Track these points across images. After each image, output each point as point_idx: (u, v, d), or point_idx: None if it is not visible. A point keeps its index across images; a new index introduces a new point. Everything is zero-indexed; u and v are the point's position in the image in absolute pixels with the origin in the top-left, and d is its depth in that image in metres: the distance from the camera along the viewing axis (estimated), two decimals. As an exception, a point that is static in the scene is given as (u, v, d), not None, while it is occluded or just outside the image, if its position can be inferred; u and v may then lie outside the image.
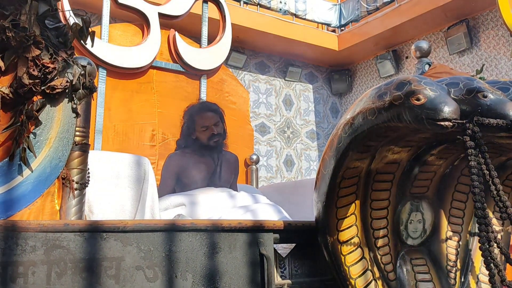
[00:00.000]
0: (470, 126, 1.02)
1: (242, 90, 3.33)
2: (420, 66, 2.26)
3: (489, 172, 1.02)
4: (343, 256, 1.41)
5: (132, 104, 2.82)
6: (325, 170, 1.36)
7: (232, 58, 8.65)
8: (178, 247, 1.27)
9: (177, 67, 3.01)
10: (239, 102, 3.26)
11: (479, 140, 1.02)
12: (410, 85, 1.11)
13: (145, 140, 2.82)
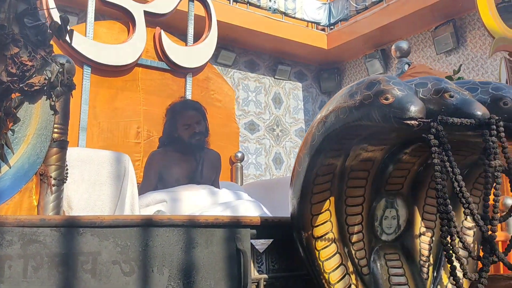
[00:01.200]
0: (434, 125, 1.06)
1: (228, 88, 3.35)
2: (400, 66, 2.30)
3: (452, 169, 1.05)
4: (317, 251, 1.44)
5: (117, 102, 2.84)
6: (299, 167, 1.40)
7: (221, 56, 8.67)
8: (155, 242, 1.30)
9: (162, 65, 3.03)
10: (225, 100, 3.28)
11: (443, 138, 1.06)
12: (380, 85, 1.15)
13: (130, 137, 2.83)
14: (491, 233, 1.07)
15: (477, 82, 1.34)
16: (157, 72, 3.01)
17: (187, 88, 3.07)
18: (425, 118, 1.10)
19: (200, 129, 2.23)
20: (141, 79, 2.94)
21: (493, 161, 1.09)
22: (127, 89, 2.88)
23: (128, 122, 2.85)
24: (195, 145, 2.22)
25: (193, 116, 2.24)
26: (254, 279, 1.53)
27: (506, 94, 1.25)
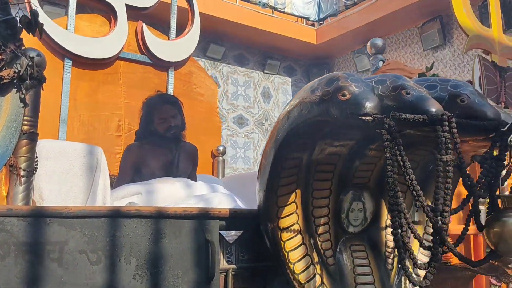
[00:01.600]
0: (387, 121, 1.10)
1: (210, 82, 3.38)
2: (374, 62, 2.35)
3: (403, 163, 1.10)
4: (282, 242, 1.48)
5: (98, 95, 2.86)
6: (266, 160, 1.44)
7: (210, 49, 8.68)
8: (122, 232, 1.33)
9: (144, 58, 3.05)
10: (207, 94, 3.31)
11: (395, 133, 1.10)
12: (338, 82, 1.19)
13: (111, 130, 2.86)
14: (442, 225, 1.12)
15: (437, 79, 1.38)
16: (139, 66, 3.03)
17: (169, 82, 3.10)
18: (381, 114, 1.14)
19: (176, 122, 2.26)
20: (123, 73, 2.96)
21: (445, 156, 1.13)
22: (109, 82, 2.90)
23: (109, 115, 2.87)
24: (171, 139, 2.25)
25: (168, 110, 2.27)
26: (223, 269, 1.57)
27: (463, 91, 1.30)
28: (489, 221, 1.20)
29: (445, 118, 1.15)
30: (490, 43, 2.53)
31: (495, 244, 1.19)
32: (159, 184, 1.97)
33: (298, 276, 1.49)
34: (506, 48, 2.61)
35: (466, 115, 1.26)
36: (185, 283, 1.43)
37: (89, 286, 1.27)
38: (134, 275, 1.34)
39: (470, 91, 1.31)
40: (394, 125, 1.11)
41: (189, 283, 1.44)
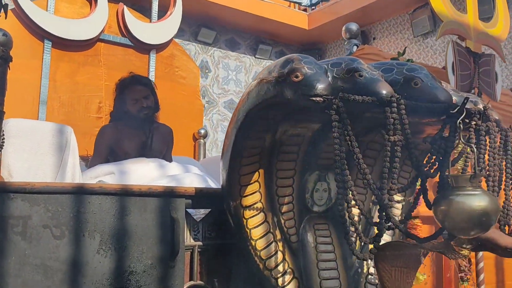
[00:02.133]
0: (336, 102, 1.14)
1: (192, 66, 3.40)
2: (348, 47, 2.38)
3: (351, 143, 1.14)
4: (245, 219, 1.53)
5: (78, 76, 2.87)
6: (228, 140, 1.48)
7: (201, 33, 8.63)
8: (86, 209, 1.37)
9: (125, 41, 3.06)
10: (189, 77, 3.33)
11: (343, 114, 1.14)
12: (292, 63, 1.22)
13: (91, 112, 2.88)
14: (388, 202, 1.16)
15: (394, 63, 1.42)
16: (119, 48, 3.04)
17: (150, 64, 3.12)
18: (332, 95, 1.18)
19: (148, 103, 2.29)
20: (103, 54, 2.97)
21: (392, 137, 1.18)
22: (89, 64, 2.91)
23: (90, 97, 2.89)
24: (144, 119, 2.28)
25: (141, 91, 2.30)
26: (189, 246, 1.62)
27: (417, 75, 1.33)
28: (437, 200, 1.24)
29: (394, 100, 1.18)
30: (465, 29, 2.56)
31: (442, 222, 1.24)
32: (132, 165, 2.01)
33: (259, 252, 1.54)
34: (482, 34, 2.65)
35: (420, 98, 1.30)
36: (149, 258, 1.49)
37: (53, 259, 1.31)
38: (98, 250, 1.39)
39: (424, 74, 1.34)
40: (342, 106, 1.14)
41: (153, 259, 1.49)
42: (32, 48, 2.76)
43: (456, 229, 1.23)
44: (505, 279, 3.06)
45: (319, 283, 1.60)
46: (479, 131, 1.38)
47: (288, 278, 1.57)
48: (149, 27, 3.12)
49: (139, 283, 1.46)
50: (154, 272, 1.49)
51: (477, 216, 1.18)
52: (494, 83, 2.67)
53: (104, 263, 1.39)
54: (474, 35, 2.58)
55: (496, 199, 1.24)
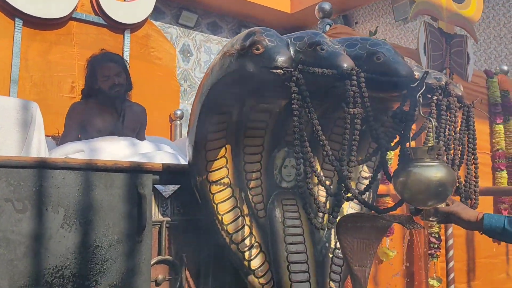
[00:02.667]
0: (295, 74, 1.15)
1: (169, 46, 3.37)
2: (321, 26, 2.38)
3: (310, 115, 1.15)
4: (211, 194, 1.54)
5: (50, 56, 2.83)
6: (193, 115, 1.48)
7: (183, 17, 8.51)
8: (49, 183, 1.37)
9: (98, 20, 3.01)
10: (165, 58, 3.30)
11: (302, 86, 1.15)
12: (254, 36, 1.22)
13: (64, 91, 2.84)
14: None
15: (358, 38, 1.43)
16: (93, 27, 2.99)
17: (125, 44, 3.08)
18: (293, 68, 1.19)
19: (120, 81, 2.27)
20: (76, 33, 2.92)
21: (352, 109, 1.19)
22: (61, 43, 2.86)
23: (62, 76, 2.85)
24: (115, 97, 2.26)
25: (112, 68, 2.27)
26: (157, 221, 1.63)
27: (380, 49, 1.35)
28: (396, 171, 1.27)
29: (353, 73, 1.20)
30: (438, 9, 2.58)
31: (401, 193, 1.26)
32: (103, 142, 1.99)
33: (226, 226, 1.56)
34: (454, 15, 2.67)
35: (382, 72, 1.31)
36: (116, 233, 1.49)
37: (15, 233, 1.31)
38: (62, 224, 1.39)
39: (387, 49, 1.36)
40: (302, 78, 1.15)
41: (120, 234, 1.49)
42: (3, 26, 2.70)
43: (414, 200, 1.27)
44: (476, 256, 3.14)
45: (286, 257, 1.63)
46: (440, 106, 1.41)
47: (255, 252, 1.59)
48: (123, 6, 3.08)
49: (105, 257, 1.46)
50: (121, 247, 1.49)
51: (434, 187, 1.21)
52: (466, 64, 2.71)
53: (68, 237, 1.39)
54: (446, 16, 2.60)
55: (452, 171, 1.27)
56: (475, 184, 1.47)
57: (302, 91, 1.15)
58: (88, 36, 2.95)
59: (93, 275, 1.43)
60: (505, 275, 3.40)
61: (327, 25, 2.30)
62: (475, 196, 1.45)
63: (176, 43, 8.60)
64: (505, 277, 3.40)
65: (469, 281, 3.06)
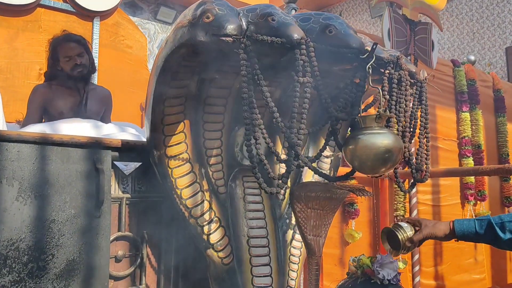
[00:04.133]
0: (244, 41, 1.17)
1: (139, 35, 3.36)
2: (287, 11, 2.40)
3: (259, 81, 1.17)
4: (170, 169, 1.55)
5: (17, 42, 2.79)
6: (150, 89, 1.48)
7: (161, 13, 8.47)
8: (3, 156, 1.36)
9: (67, 7, 2.98)
10: (136, 47, 3.29)
11: (250, 53, 1.17)
12: (205, 5, 1.24)
13: (31, 78, 2.81)
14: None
15: (312, 13, 1.46)
16: (61, 14, 2.97)
17: (94, 31, 3.06)
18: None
19: (82, 61, 2.26)
20: (43, 20, 2.90)
21: (301, 78, 1.22)
22: (28, 29, 2.83)
23: (30, 63, 2.82)
24: (78, 78, 2.25)
25: (74, 48, 2.26)
26: (117, 198, 1.63)
27: (332, 23, 1.38)
28: (347, 140, 1.30)
29: (303, 42, 1.22)
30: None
31: (351, 161, 1.30)
32: (66, 124, 1.98)
33: (185, 201, 1.57)
34: (418, 2, 2.73)
35: (334, 45, 1.34)
36: (73, 207, 1.48)
37: (-33, 205, 1.30)
38: (17, 197, 1.38)
39: (339, 23, 1.39)
40: (250, 45, 1.17)
41: (77, 208, 1.49)
42: (-33, 12, 2.66)
43: (363, 167, 1.30)
44: (443, 241, 3.22)
45: (246, 232, 1.65)
46: (391, 79, 1.45)
47: (214, 226, 1.61)
48: (92, -7, 3.06)
49: (62, 232, 1.46)
50: (78, 222, 1.49)
51: (381, 153, 1.25)
52: (430, 51, 2.77)
53: (23, 210, 1.38)
54: (410, 3, 2.65)
55: (399, 139, 1.30)
56: (426, 157, 1.51)
57: (251, 58, 1.17)
58: (57, 23, 2.93)
59: (49, 249, 1.43)
60: (473, 260, 3.48)
61: (293, 10, 2.33)
62: (426, 168, 1.49)
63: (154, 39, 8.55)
64: (473, 262, 3.49)
65: (436, 265, 3.13)
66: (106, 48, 3.09)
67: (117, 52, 3.11)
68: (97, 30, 3.06)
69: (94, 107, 2.32)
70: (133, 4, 8.45)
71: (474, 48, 6.87)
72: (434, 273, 3.11)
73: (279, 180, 1.21)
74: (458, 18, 6.99)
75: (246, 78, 1.17)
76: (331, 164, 1.91)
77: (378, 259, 1.55)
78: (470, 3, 6.99)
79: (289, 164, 1.22)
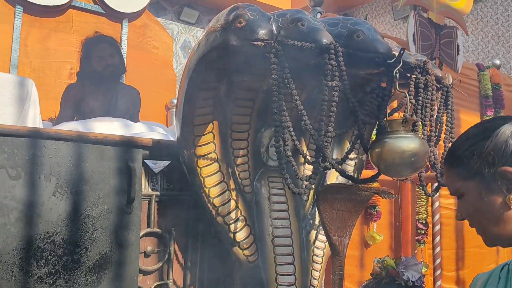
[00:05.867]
0: (275, 45, 1.21)
1: (166, 36, 3.43)
2: (312, 14, 2.43)
3: (289, 85, 1.21)
4: (199, 168, 1.60)
5: (49, 42, 2.89)
6: (181, 91, 1.54)
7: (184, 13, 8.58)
8: (42, 152, 1.43)
9: (97, 8, 3.07)
10: (162, 48, 3.36)
11: (281, 57, 1.21)
12: (237, 11, 1.28)
13: (62, 77, 2.91)
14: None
15: (340, 18, 1.49)
16: (92, 16, 3.06)
17: (123, 33, 3.14)
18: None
19: (113, 61, 2.33)
20: (75, 21, 2.99)
21: (330, 82, 1.25)
22: (60, 30, 2.93)
23: (61, 62, 2.91)
24: (109, 77, 2.32)
25: (105, 49, 2.34)
26: (146, 195, 1.68)
27: (360, 28, 1.41)
28: (373, 143, 1.33)
29: (332, 47, 1.26)
30: (428, 0, 2.64)
31: (376, 164, 1.32)
32: (97, 123, 2.05)
33: (213, 199, 1.62)
34: (444, 6, 2.72)
35: (361, 49, 1.37)
36: (105, 203, 1.55)
37: (9, 198, 1.37)
38: (54, 192, 1.45)
39: (367, 28, 1.42)
40: (281, 49, 1.21)
41: (110, 204, 1.55)
42: (3, 12, 2.76)
43: (389, 170, 1.32)
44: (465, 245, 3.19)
45: (271, 231, 1.69)
46: (418, 84, 1.46)
47: (240, 225, 1.65)
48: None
49: (95, 227, 1.52)
50: (111, 217, 1.55)
51: (407, 157, 1.27)
52: (456, 55, 2.77)
53: (59, 205, 1.45)
54: (436, 6, 2.65)
55: (425, 143, 1.32)
56: (452, 161, 1.52)
57: (281, 62, 1.21)
58: (87, 24, 3.02)
59: (83, 243, 1.49)
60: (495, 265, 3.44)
61: (318, 13, 2.36)
62: (451, 171, 1.50)
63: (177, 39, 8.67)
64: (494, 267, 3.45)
65: (457, 270, 3.11)
66: (133, 49, 3.17)
67: (144, 53, 3.19)
68: (125, 31, 3.14)
69: (124, 105, 2.39)
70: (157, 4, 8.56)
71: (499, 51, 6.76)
72: (455, 277, 3.09)
73: (306, 181, 1.24)
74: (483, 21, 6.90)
75: (276, 82, 1.21)
76: (355, 166, 1.93)
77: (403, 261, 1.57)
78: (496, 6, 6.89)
79: (317, 166, 1.25)
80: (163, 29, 3.45)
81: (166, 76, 3.38)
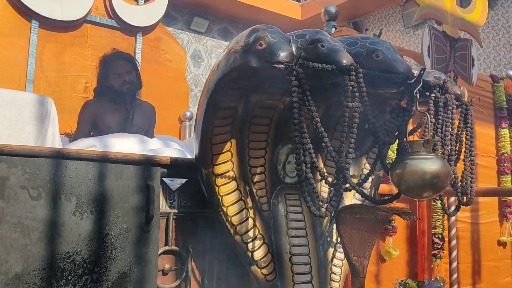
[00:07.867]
0: (296, 68, 1.21)
1: (179, 49, 3.45)
2: (327, 29, 2.44)
3: (309, 107, 1.21)
4: (217, 187, 1.60)
5: (65, 57, 2.93)
6: (200, 110, 1.54)
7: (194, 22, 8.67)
8: (63, 172, 1.44)
9: (112, 22, 3.10)
10: (175, 60, 3.39)
11: (302, 80, 1.21)
12: (257, 33, 1.29)
13: (78, 92, 2.94)
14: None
15: (359, 37, 1.49)
16: (106, 30, 3.09)
17: (137, 46, 3.17)
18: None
19: (131, 78, 2.35)
20: (90, 36, 3.02)
21: (351, 103, 1.25)
22: (76, 44, 2.96)
23: (76, 77, 2.95)
24: (126, 94, 2.34)
25: (123, 65, 2.36)
26: (164, 213, 1.69)
27: (379, 47, 1.40)
28: (393, 164, 1.32)
29: (352, 68, 1.26)
30: (442, 13, 2.63)
31: (397, 185, 1.31)
32: (114, 139, 2.07)
33: (231, 218, 1.61)
34: (458, 19, 2.72)
35: (381, 69, 1.37)
36: (125, 222, 1.55)
37: (30, 219, 1.38)
38: (74, 212, 1.46)
39: (386, 47, 1.42)
40: (302, 72, 1.21)
41: (129, 223, 1.56)
42: (20, 27, 2.80)
43: (410, 191, 1.31)
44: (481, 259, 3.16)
45: (289, 249, 1.68)
46: (438, 103, 1.46)
47: (258, 243, 1.65)
48: (135, 9, 3.17)
49: (115, 246, 1.52)
50: (130, 236, 1.56)
51: (429, 178, 1.26)
52: (471, 68, 2.75)
53: (80, 224, 1.46)
54: (450, 19, 2.65)
55: (447, 164, 1.31)
56: (471, 180, 1.51)
57: (302, 84, 1.21)
58: (102, 38, 3.05)
59: (103, 262, 1.50)
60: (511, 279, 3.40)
61: (333, 28, 2.36)
62: (471, 191, 1.49)
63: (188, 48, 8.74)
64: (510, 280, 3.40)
65: (474, 283, 3.07)
66: (147, 63, 3.19)
67: (157, 66, 3.22)
68: (139, 45, 3.17)
69: (140, 121, 2.41)
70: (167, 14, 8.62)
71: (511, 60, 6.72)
72: (472, 292, 3.06)
73: (328, 203, 1.24)
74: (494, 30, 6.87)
75: (297, 104, 1.21)
76: (372, 183, 1.92)
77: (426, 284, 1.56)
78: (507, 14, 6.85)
79: (337, 187, 1.24)
80: (176, 42, 3.48)
81: (179, 89, 3.40)
